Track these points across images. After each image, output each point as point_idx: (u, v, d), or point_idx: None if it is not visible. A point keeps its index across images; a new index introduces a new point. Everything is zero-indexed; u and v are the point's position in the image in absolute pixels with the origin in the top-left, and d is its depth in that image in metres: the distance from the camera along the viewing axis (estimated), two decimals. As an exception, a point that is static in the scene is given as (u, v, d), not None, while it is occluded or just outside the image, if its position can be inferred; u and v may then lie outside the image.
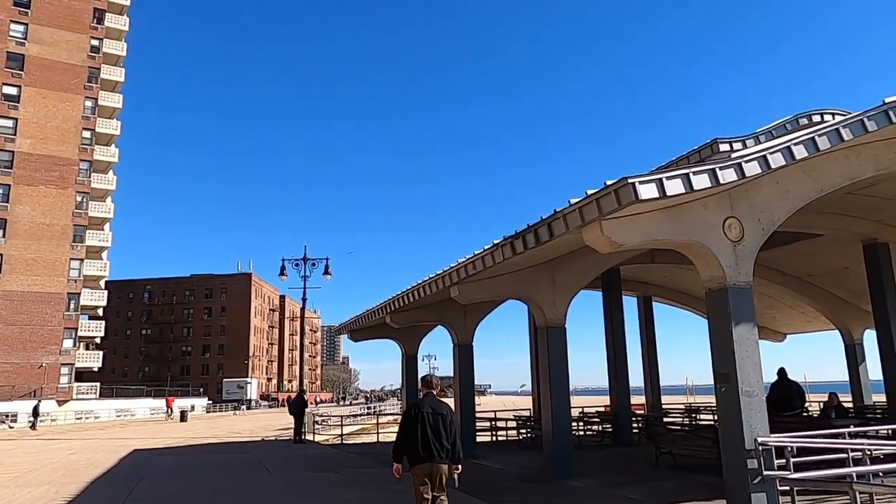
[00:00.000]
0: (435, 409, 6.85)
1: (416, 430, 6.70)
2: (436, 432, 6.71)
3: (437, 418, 6.78)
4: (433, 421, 6.75)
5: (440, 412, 6.85)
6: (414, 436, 6.69)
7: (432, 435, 6.68)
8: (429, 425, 6.71)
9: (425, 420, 6.73)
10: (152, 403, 66.98)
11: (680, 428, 18.25)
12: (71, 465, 16.87)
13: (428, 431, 6.68)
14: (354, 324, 20.03)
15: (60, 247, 56.92)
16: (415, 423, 6.75)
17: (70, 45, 60.16)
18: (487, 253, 10.53)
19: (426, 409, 6.82)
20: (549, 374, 12.49)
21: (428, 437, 6.66)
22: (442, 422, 6.79)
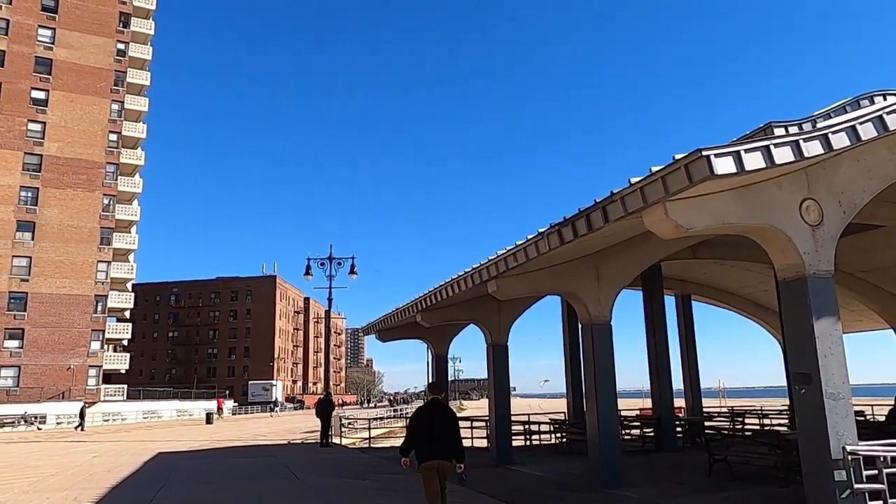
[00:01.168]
0: (440, 413, 7.41)
1: (424, 432, 7.24)
2: (441, 434, 7.23)
3: (441, 421, 7.32)
4: (438, 424, 7.28)
5: (445, 416, 7.43)
6: (422, 437, 7.24)
7: (437, 436, 7.20)
8: (434, 428, 7.24)
9: (432, 423, 7.28)
10: (179, 405, 67.11)
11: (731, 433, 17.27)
12: (93, 469, 16.38)
13: (433, 433, 7.21)
14: (383, 323, 19.33)
15: (88, 249, 57.22)
16: (422, 425, 7.31)
17: (97, 48, 60.57)
18: (531, 243, 9.73)
19: (432, 413, 7.40)
20: (593, 375, 11.63)
21: (434, 438, 7.19)
22: (446, 425, 7.33)
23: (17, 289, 53.95)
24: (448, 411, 7.57)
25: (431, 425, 7.27)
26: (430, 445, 7.18)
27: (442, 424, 7.31)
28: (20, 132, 55.89)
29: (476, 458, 17.49)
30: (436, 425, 7.28)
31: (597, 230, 8.19)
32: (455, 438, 7.34)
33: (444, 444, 7.22)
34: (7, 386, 52.38)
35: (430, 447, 7.18)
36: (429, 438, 7.21)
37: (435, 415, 7.38)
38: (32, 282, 54.46)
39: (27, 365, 53.40)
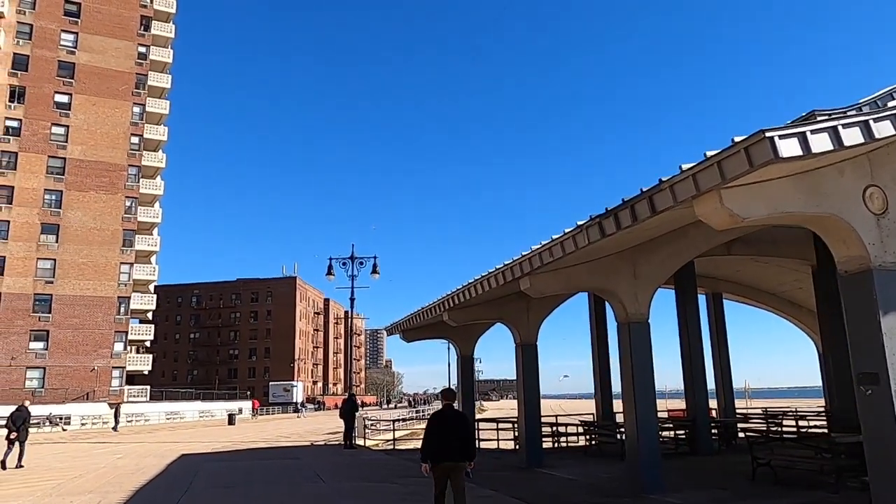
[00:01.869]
0: (454, 418, 7.95)
1: (439, 436, 7.76)
2: (454, 437, 7.73)
3: (455, 425, 7.84)
4: (452, 428, 7.79)
5: (458, 420, 7.97)
6: (438, 440, 7.74)
7: (451, 439, 7.71)
8: (448, 431, 7.76)
9: (446, 427, 7.80)
10: (201, 406, 67.37)
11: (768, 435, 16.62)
12: (117, 472, 16.19)
13: (448, 437, 7.72)
14: (408, 323, 18.96)
15: (111, 251, 57.62)
16: (438, 429, 7.82)
17: (118, 52, 61.01)
18: (568, 237, 9.28)
19: (447, 418, 7.90)
20: (631, 375, 11.13)
21: (447, 441, 7.71)
22: (459, 428, 7.85)
23: (42, 291, 54.46)
24: (461, 416, 8.16)
25: (446, 429, 7.82)
26: (444, 448, 7.72)
27: (455, 428, 7.84)
28: (44, 136, 56.45)
29: (504, 460, 17.07)
30: (450, 429, 7.82)
31: (642, 221, 7.72)
32: (468, 441, 7.89)
33: (457, 447, 7.75)
34: (33, 387, 52.85)
35: (443, 450, 7.72)
36: (443, 442, 7.74)
37: (449, 419, 7.92)
38: (57, 284, 54.93)
39: (52, 366, 53.88)
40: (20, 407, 18.29)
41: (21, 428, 17.76)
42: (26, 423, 18.06)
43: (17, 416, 17.88)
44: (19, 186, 54.96)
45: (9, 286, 53.38)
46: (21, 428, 17.76)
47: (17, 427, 17.69)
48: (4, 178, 54.76)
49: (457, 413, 8.14)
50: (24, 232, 54.53)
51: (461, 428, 7.88)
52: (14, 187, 54.79)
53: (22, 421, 17.83)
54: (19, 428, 17.73)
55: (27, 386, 52.59)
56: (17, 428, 17.68)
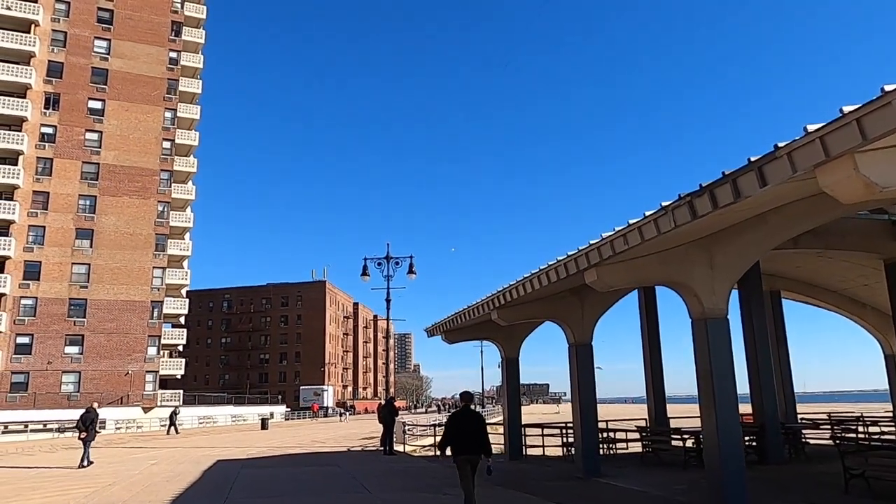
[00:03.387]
0: (470, 417, 9.09)
1: (458, 432, 8.91)
2: (470, 434, 8.85)
3: (471, 424, 8.98)
4: (468, 426, 8.95)
5: (474, 420, 9.08)
6: (457, 435, 8.89)
7: (468, 436, 8.83)
8: (465, 429, 8.91)
9: (463, 425, 8.96)
10: (233, 410, 67.33)
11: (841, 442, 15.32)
12: (152, 479, 15.54)
13: (465, 433, 8.86)
14: (451, 323, 18.05)
15: (144, 256, 57.85)
16: (457, 427, 8.98)
17: (150, 58, 61.39)
18: (649, 221, 8.28)
19: (464, 417, 9.08)
20: (710, 377, 10.05)
21: (465, 437, 8.83)
22: (475, 426, 8.95)
23: (77, 295, 54.81)
24: (476, 415, 9.22)
25: (463, 427, 8.96)
26: (463, 442, 8.83)
27: (471, 426, 8.96)
28: (78, 142, 56.94)
29: (556, 468, 16.04)
30: (466, 427, 8.95)
31: (744, 199, 6.71)
32: (482, 437, 8.88)
33: (474, 441, 8.82)
34: (68, 391, 53.17)
35: (462, 444, 8.83)
36: (462, 437, 8.86)
37: (466, 418, 9.07)
38: (91, 288, 55.25)
39: (87, 370, 54.16)
40: (89, 409, 19.76)
41: (90, 428, 19.06)
42: (94, 423, 19.35)
43: (87, 417, 19.19)
44: (54, 192, 55.46)
45: (45, 291, 53.82)
46: (90, 428, 19.06)
47: (86, 427, 18.98)
48: (40, 184, 55.30)
49: (473, 412, 9.20)
50: (59, 237, 54.98)
51: (476, 426, 8.95)
52: (49, 193, 55.31)
53: (90, 422, 19.12)
54: (88, 428, 19.01)
55: (62, 390, 52.91)
56: (86, 428, 18.98)
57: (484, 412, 61.94)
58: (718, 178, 6.94)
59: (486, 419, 41.76)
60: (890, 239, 16.46)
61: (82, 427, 19.02)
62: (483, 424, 9.08)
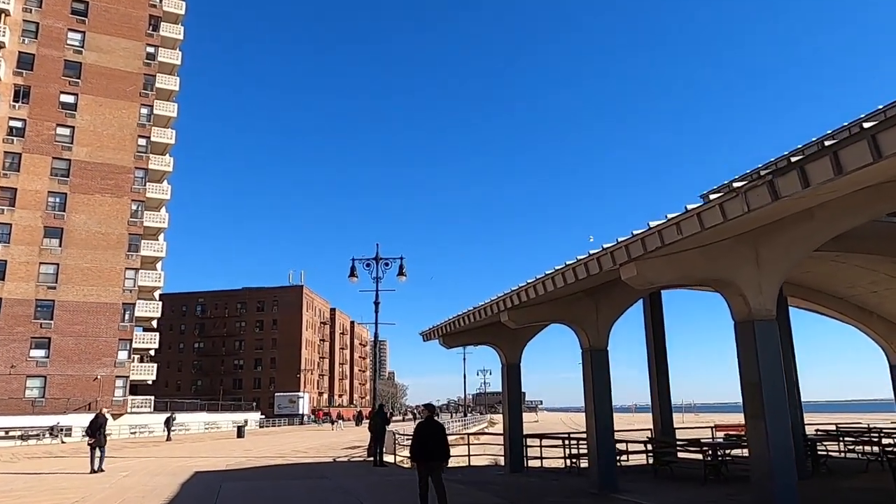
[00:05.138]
0: (433, 427, 10.17)
1: (422, 440, 9.98)
2: (433, 442, 9.95)
3: (434, 433, 10.07)
4: (431, 434, 10.03)
5: (437, 429, 10.20)
6: (421, 443, 9.96)
7: (431, 443, 9.93)
8: (429, 437, 9.99)
9: (427, 434, 10.03)
10: (206, 417, 65.22)
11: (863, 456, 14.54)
12: (124, 495, 14.13)
13: (428, 441, 9.95)
14: (452, 326, 16.93)
15: (116, 256, 55.78)
16: (422, 435, 10.02)
17: (126, 52, 59.49)
18: (712, 206, 7.29)
19: (428, 427, 10.13)
20: (759, 385, 9.10)
21: (429, 444, 9.93)
22: (437, 435, 10.08)
23: (44, 297, 52.58)
24: (439, 425, 10.32)
25: (426, 436, 10.04)
26: (426, 449, 9.94)
27: (433, 435, 10.05)
28: (49, 136, 54.80)
29: (565, 482, 14.96)
30: (429, 435, 10.03)
31: (846, 175, 5.73)
32: (443, 445, 10.05)
33: (435, 449, 9.94)
34: (33, 397, 50.85)
35: (425, 451, 9.94)
36: (425, 445, 9.95)
37: (430, 428, 10.14)
38: (59, 289, 53.05)
39: (53, 375, 51.88)
40: (98, 415, 19.84)
41: (99, 434, 19.16)
42: (103, 429, 19.38)
43: (95, 423, 19.35)
44: (22, 188, 53.24)
45: (10, 291, 51.51)
46: (99, 434, 19.16)
47: (94, 433, 19.14)
48: (7, 179, 53.05)
49: (436, 423, 10.29)
50: (26, 235, 52.72)
51: (438, 435, 10.07)
52: (17, 189, 53.09)
53: (99, 427, 19.21)
54: (97, 434, 19.13)
55: (27, 395, 50.58)
56: (94, 434, 19.14)
57: (466, 421, 60.87)
58: (812, 153, 5.97)
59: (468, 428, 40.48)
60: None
61: (91, 433, 19.23)
62: (444, 434, 10.24)
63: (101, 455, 19.26)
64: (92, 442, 19.18)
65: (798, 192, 6.22)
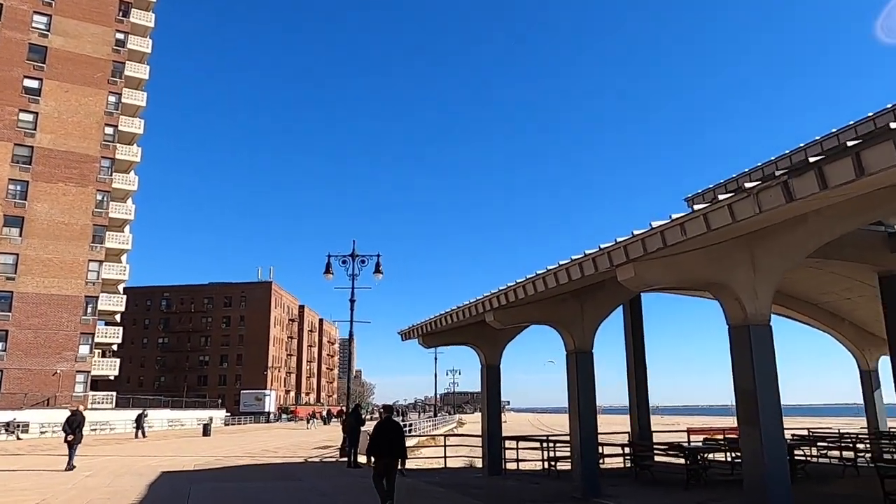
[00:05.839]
0: (391, 426, 10.52)
1: (379, 439, 10.27)
2: (390, 441, 10.28)
3: (392, 432, 10.42)
4: (389, 433, 10.37)
5: (394, 428, 10.54)
6: (379, 442, 10.25)
7: (389, 441, 10.27)
8: (387, 437, 10.31)
9: (385, 433, 10.35)
10: (170, 414, 63.70)
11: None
12: (87, 496, 13.47)
13: (386, 440, 10.26)
14: (433, 325, 16.60)
15: (79, 248, 54.14)
16: (380, 434, 10.33)
17: (95, 38, 57.79)
18: (721, 206, 7.08)
19: (386, 427, 10.45)
20: (753, 391, 8.96)
21: (386, 443, 10.25)
22: (394, 434, 10.43)
23: (2, 288, 50.77)
24: (396, 425, 10.67)
25: (384, 435, 10.31)
26: (383, 448, 10.22)
27: (392, 434, 10.38)
28: (10, 122, 52.92)
29: (545, 486, 14.73)
30: (386, 434, 10.33)
31: (867, 176, 5.56)
32: (400, 444, 10.41)
33: (392, 448, 10.28)
34: (-12, 391, 49.05)
35: (382, 449, 10.23)
36: (382, 444, 10.24)
37: (388, 427, 10.45)
38: (18, 280, 51.27)
39: (10, 369, 50.12)
40: (75, 412, 19.57)
41: (77, 431, 18.96)
42: (80, 427, 19.21)
43: (73, 420, 19.09)
44: (-19, 175, 51.34)
45: (-35, 281, 49.62)
46: (77, 431, 18.96)
47: (73, 430, 18.87)
48: (-35, 165, 51.11)
49: (393, 423, 10.61)
50: (-16, 224, 50.86)
51: (395, 434, 10.40)
52: (-25, 176, 51.16)
53: (77, 425, 19.01)
54: (75, 431, 18.91)
55: (-19, 390, 48.74)
56: (73, 431, 18.87)
57: (436, 421, 60.55)
58: (834, 152, 5.79)
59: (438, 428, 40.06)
60: (886, 251, 16.01)
61: (69, 430, 18.94)
62: (401, 433, 10.59)
63: (71, 454, 19.08)
64: (71, 440, 18.93)
65: (815, 194, 6.05)
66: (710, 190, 17.46)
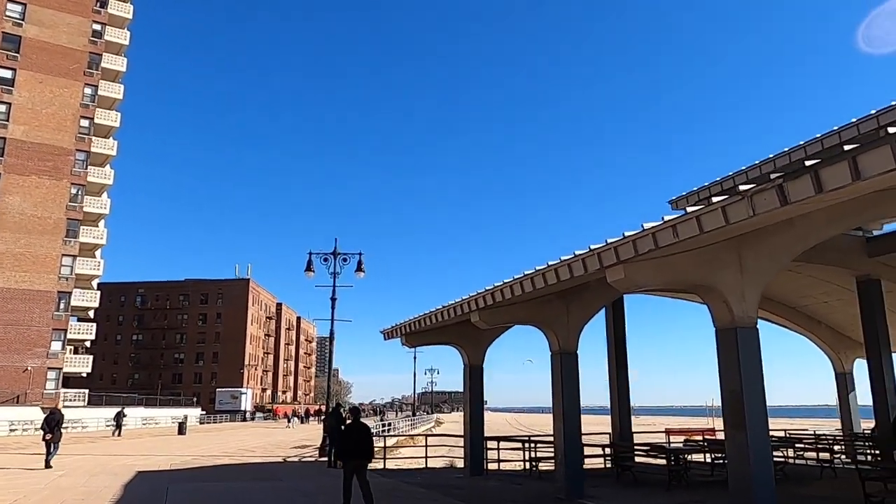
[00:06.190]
0: (359, 428, 10.72)
1: (348, 441, 10.63)
2: (359, 441, 10.57)
3: (360, 433, 10.66)
4: (358, 435, 10.64)
5: (362, 430, 10.73)
6: (349, 444, 10.58)
7: (357, 443, 10.56)
8: (356, 438, 10.61)
9: (354, 434, 10.66)
10: (144, 413, 62.75)
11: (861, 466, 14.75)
12: (61, 497, 13.14)
13: (355, 442, 10.57)
14: (416, 324, 16.49)
15: (52, 242, 53.02)
16: (349, 436, 10.71)
17: (71, 28, 56.61)
18: (714, 209, 7.08)
19: (355, 429, 10.73)
20: (740, 393, 9.00)
21: (355, 444, 10.56)
22: (363, 436, 10.65)
23: (-28, 282, 49.55)
24: (364, 427, 10.81)
25: (353, 436, 10.64)
26: (353, 450, 10.52)
27: (361, 436, 10.64)
28: (-18, 113, 51.66)
29: (528, 486, 14.70)
30: (355, 436, 10.63)
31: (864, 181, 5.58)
32: (368, 445, 10.69)
33: (362, 449, 10.56)
34: (-45, 388, 47.84)
35: (353, 451, 10.52)
36: (352, 445, 10.53)
37: (356, 430, 10.71)
38: (-11, 274, 50.07)
39: (-21, 365, 48.93)
40: (53, 410, 19.66)
41: (55, 430, 18.92)
42: (59, 425, 19.19)
43: (51, 418, 19.09)
44: (-50, 166, 50.05)
45: (-67, 275, 48.36)
46: (55, 430, 18.92)
47: (51, 429, 18.82)
48: (-66, 156, 49.80)
49: (361, 425, 10.81)
50: (-47, 216, 49.59)
51: (363, 436, 10.63)
52: (-56, 166, 49.87)
53: (55, 423, 18.98)
54: (53, 429, 18.87)
55: (-51, 386, 47.52)
56: (51, 430, 18.82)
57: (414, 420, 60.42)
58: (830, 157, 5.80)
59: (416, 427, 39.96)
60: (864, 255, 16.27)
61: (47, 429, 18.89)
62: (369, 434, 10.80)
63: (52, 451, 19.05)
64: (49, 438, 18.83)
65: (810, 198, 6.06)
66: (694, 193, 17.58)
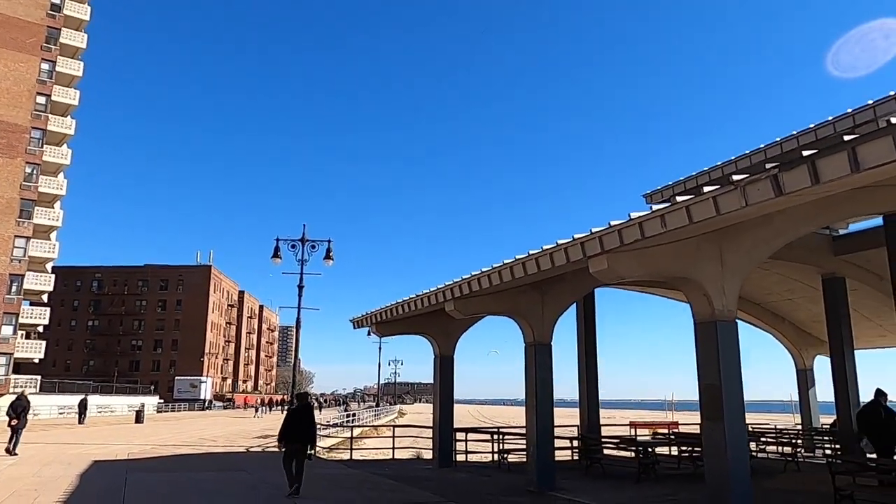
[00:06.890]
0: (305, 413, 11.28)
1: (291, 424, 11.08)
2: (301, 425, 11.05)
3: (303, 418, 11.14)
4: (301, 419, 11.13)
5: (306, 414, 11.25)
6: (292, 427, 11.03)
7: (299, 427, 11.04)
8: (299, 422, 11.10)
9: (297, 419, 11.14)
10: (99, 400, 61.08)
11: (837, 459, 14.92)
12: (12, 487, 12.52)
13: (298, 425, 11.05)
14: (388, 313, 16.18)
15: (4, 222, 51.05)
16: (291, 420, 11.15)
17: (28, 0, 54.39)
18: (705, 199, 6.96)
19: (300, 413, 11.28)
20: (718, 387, 8.97)
21: (297, 428, 11.04)
22: (305, 420, 11.15)
23: (-83, 262, 47.41)
24: (309, 412, 11.31)
25: (297, 420, 11.07)
26: (295, 433, 10.93)
27: (302, 419, 11.08)
28: (-69, 85, 49.31)
29: (497, 478, 14.58)
30: (298, 420, 11.07)
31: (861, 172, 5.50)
32: (310, 429, 11.09)
33: (304, 433, 10.99)
34: None
35: (294, 434, 10.94)
36: (294, 429, 10.96)
37: (301, 414, 11.19)
38: (-64, 255, 47.96)
39: (-77, 349, 46.91)
40: (20, 396, 19.50)
41: (21, 416, 18.85)
42: (26, 411, 19.15)
43: (18, 404, 19.03)
44: None
45: None
46: (21, 416, 18.85)
47: (17, 415, 18.75)
48: None
49: (307, 409, 11.30)
50: None
51: (306, 420, 11.07)
52: None
53: (22, 409, 18.91)
54: (20, 416, 18.80)
55: None
56: (17, 416, 18.75)
57: (378, 411, 60.06)
58: (828, 147, 5.70)
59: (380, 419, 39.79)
60: (830, 254, 16.54)
61: (13, 415, 18.80)
62: (312, 419, 11.15)
63: (16, 438, 18.93)
64: (15, 424, 18.77)
65: (806, 188, 5.96)
66: (668, 187, 17.62)
